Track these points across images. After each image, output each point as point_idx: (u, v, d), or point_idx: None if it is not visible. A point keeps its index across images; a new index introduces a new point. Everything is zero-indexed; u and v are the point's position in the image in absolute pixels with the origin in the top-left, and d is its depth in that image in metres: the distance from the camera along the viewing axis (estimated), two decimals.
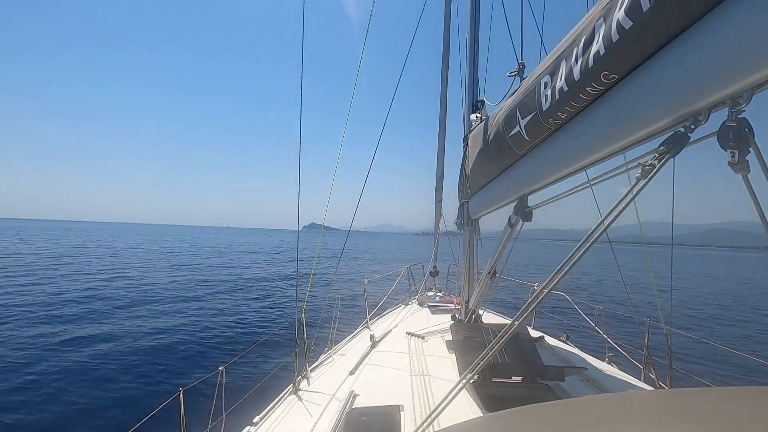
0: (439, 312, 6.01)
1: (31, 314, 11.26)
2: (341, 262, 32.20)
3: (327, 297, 7.23)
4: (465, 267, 4.62)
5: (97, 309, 12.39)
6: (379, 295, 6.89)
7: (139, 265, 26.31)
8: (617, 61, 1.55)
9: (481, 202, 3.84)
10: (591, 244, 1.55)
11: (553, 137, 2.20)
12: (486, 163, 3.27)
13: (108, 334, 9.71)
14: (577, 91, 1.78)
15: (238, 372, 7.43)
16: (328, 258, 38.30)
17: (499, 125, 2.75)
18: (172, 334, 10.00)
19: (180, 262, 30.29)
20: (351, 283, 20.48)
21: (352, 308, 12.05)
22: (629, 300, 5.35)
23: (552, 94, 1.98)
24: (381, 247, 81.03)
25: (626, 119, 1.60)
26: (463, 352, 3.35)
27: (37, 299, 13.29)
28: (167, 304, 13.73)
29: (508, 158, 2.78)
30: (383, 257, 48.35)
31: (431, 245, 7.62)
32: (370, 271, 28.00)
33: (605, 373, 3.71)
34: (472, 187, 3.95)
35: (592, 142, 1.83)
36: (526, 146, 2.46)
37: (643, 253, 3.98)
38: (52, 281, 17.30)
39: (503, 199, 3.16)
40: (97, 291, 15.45)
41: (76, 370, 7.45)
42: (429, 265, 7.65)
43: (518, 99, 2.43)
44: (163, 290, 16.61)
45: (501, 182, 3.11)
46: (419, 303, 6.69)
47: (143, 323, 10.94)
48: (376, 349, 4.16)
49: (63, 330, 9.88)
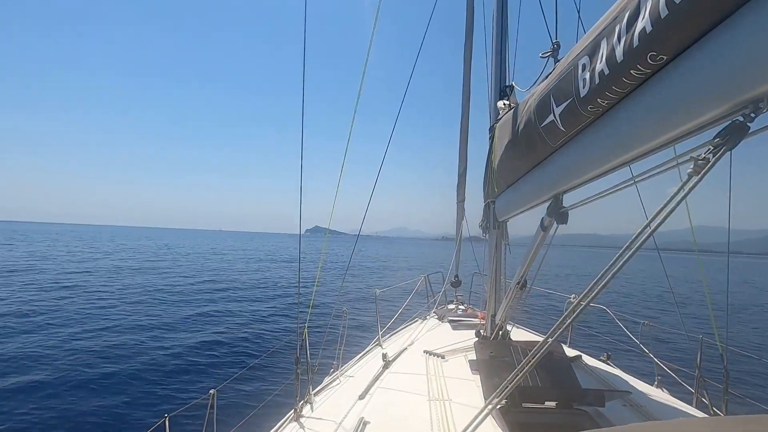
0: (462, 327, 5.99)
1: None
2: (349, 270, 32.41)
3: (333, 310, 7.24)
4: (491, 276, 4.61)
5: (58, 323, 12.41)
6: (393, 308, 6.88)
7: (115, 271, 26.70)
8: (666, 40, 1.53)
9: (509, 201, 3.82)
10: (635, 250, 1.53)
11: (592, 127, 2.18)
12: (515, 157, 3.26)
13: (79, 350, 9.77)
14: (620, 75, 1.76)
15: (231, 395, 7.47)
16: (334, 266, 38.43)
17: (531, 114, 2.73)
18: (157, 351, 10.08)
19: (163, 268, 30.59)
20: (360, 294, 20.50)
21: (361, 323, 12.05)
22: (679, 314, 5.27)
23: (591, 77, 1.96)
24: (395, 254, 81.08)
25: (676, 106, 1.58)
26: (488, 373, 3.33)
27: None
28: (146, 317, 13.79)
29: (541, 151, 2.76)
30: (397, 265, 48.38)
31: (452, 251, 7.60)
32: (382, 281, 28.03)
33: (651, 398, 3.68)
34: (500, 185, 3.93)
35: (637, 132, 1.81)
36: (561, 138, 2.44)
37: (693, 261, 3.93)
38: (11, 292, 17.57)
39: (535, 198, 3.13)
40: (63, 303, 15.54)
41: (42, 393, 7.44)
42: (449, 274, 7.62)
43: (552, 84, 2.41)
44: (142, 301, 16.73)
45: (532, 179, 3.09)
46: (438, 317, 6.68)
47: (119, 339, 11.01)
48: (390, 370, 4.16)
49: (28, 343, 10.03)
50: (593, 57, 1.94)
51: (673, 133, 1.64)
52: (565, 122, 2.32)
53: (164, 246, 64.39)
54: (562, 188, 2.68)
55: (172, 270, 29.84)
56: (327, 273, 30.46)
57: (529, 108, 2.79)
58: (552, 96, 2.39)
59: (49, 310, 13.97)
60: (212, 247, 70.50)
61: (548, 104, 2.44)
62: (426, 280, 7.91)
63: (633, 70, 1.70)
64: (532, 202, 3.25)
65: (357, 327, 11.33)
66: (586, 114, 2.10)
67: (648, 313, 18.91)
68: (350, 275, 30.03)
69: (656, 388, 4.19)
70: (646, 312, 19.08)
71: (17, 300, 15.41)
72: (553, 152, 2.67)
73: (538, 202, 3.16)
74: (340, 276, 27.94)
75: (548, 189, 2.83)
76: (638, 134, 1.80)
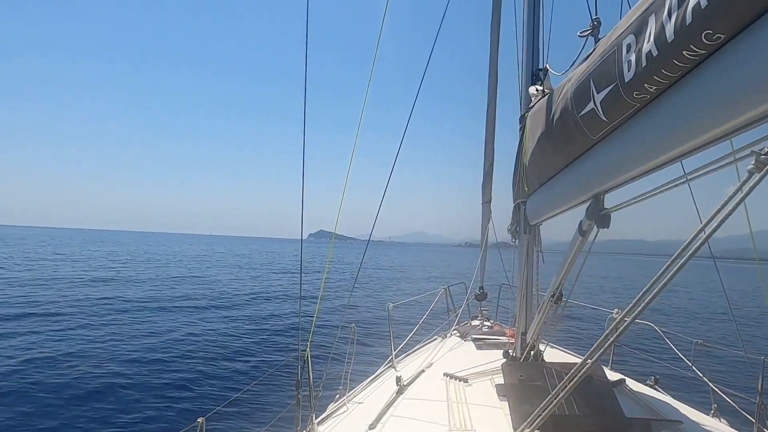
0: (487, 347, 5.98)
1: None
2: (359, 280, 32.36)
3: (340, 326, 7.23)
4: (521, 288, 4.60)
5: (30, 340, 12.44)
6: (408, 324, 6.87)
7: (90, 279, 26.99)
8: (724, 16, 1.51)
9: (542, 202, 3.81)
10: (687, 258, 1.51)
11: (638, 117, 2.16)
12: (550, 151, 3.25)
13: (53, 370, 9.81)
14: (671, 56, 1.74)
15: (222, 424, 7.49)
16: (341, 275, 38.54)
17: (567, 101, 2.73)
18: (139, 370, 10.16)
19: (137, 278, 30.68)
20: (371, 308, 20.54)
21: (372, 341, 12.05)
22: (738, 332, 5.21)
23: (637, 59, 1.95)
24: (411, 262, 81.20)
25: (736, 93, 1.55)
26: (518, 399, 3.32)
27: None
28: (127, 332, 13.85)
29: (579, 144, 2.75)
30: (414, 275, 48.42)
31: (476, 259, 7.57)
32: (396, 293, 28.06)
33: (705, 428, 3.66)
34: (531, 183, 3.92)
35: (690, 123, 1.79)
36: (602, 129, 2.43)
37: (753, 271, 3.87)
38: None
39: (572, 198, 3.12)
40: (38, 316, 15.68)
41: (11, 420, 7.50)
42: (473, 286, 7.60)
43: (592, 66, 2.40)
44: (121, 314, 16.78)
45: (569, 176, 3.08)
46: (461, 335, 6.66)
47: (97, 355, 11.11)
48: (405, 396, 4.16)
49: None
50: (639, 36, 1.93)
51: (732, 123, 1.62)
52: (607, 111, 2.31)
53: (142, 253, 64.12)
54: (604, 187, 2.67)
55: (148, 279, 29.95)
56: (333, 284, 30.55)
57: (566, 94, 2.78)
58: (592, 81, 2.38)
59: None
60: (199, 254, 71.08)
61: (588, 90, 2.43)
62: (446, 292, 7.89)
63: (686, 50, 1.68)
64: (569, 202, 3.24)
65: (367, 346, 11.33)
66: (632, 101, 2.09)
67: (702, 330, 18.73)
68: (359, 286, 30.11)
69: (711, 418, 4.16)
70: (700, 329, 18.91)
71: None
72: (593, 145, 2.65)
73: (576, 203, 3.15)
74: (348, 287, 28.03)
75: (587, 188, 2.81)
76: (692, 125, 1.78)
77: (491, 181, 7.17)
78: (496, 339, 6.35)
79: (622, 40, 2.06)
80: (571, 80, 2.76)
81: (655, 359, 7.48)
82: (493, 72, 6.63)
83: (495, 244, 7.28)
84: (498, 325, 7.32)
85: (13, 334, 12.70)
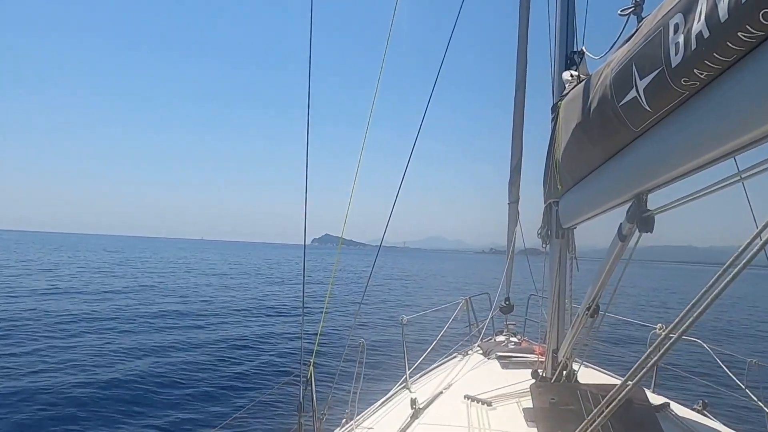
0: (514, 366, 5.96)
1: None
2: (369, 290, 32.24)
3: (347, 341, 7.19)
4: (553, 299, 4.58)
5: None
6: (425, 339, 6.88)
7: (64, 289, 27.12)
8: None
9: (577, 202, 3.81)
10: (742, 267, 1.51)
11: (686, 106, 2.15)
12: (586, 145, 3.25)
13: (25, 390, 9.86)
14: (724, 38, 1.74)
15: None
16: (349, 284, 38.57)
17: (606, 88, 2.73)
18: (121, 389, 10.24)
19: (116, 286, 30.87)
20: (382, 321, 20.56)
21: (384, 358, 12.04)
22: None
23: (686, 41, 1.94)
24: (428, 270, 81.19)
25: None
26: (549, 425, 3.31)
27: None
28: (105, 350, 13.83)
29: (620, 137, 2.75)
30: (431, 283, 48.44)
31: (501, 267, 7.56)
32: (410, 305, 28.03)
33: None
34: (565, 181, 3.92)
35: (745, 113, 1.78)
36: (646, 119, 2.43)
37: None
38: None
39: (611, 198, 3.12)
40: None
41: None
42: (498, 297, 7.58)
43: (635, 49, 2.40)
44: (93, 330, 16.65)
45: (608, 173, 3.08)
46: (484, 352, 6.65)
47: (74, 372, 11.19)
48: (420, 421, 4.16)
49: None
50: (688, 15, 1.92)
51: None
52: (651, 99, 2.30)
53: (123, 259, 64.03)
54: (647, 186, 2.66)
55: (128, 288, 30.00)
56: (339, 295, 30.64)
57: (605, 81, 2.78)
58: (634, 65, 2.38)
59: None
60: (189, 260, 71.53)
61: (629, 76, 2.42)
62: (467, 303, 7.87)
63: (741, 31, 1.67)
64: (608, 203, 3.23)
65: (378, 363, 11.31)
66: (679, 89, 2.08)
67: (757, 349, 18.54)
68: (370, 297, 30.09)
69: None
70: (755, 348, 18.74)
71: None
72: (635, 138, 2.65)
73: (615, 204, 3.14)
74: (357, 299, 28.06)
75: (628, 187, 2.81)
76: (747, 116, 1.78)
77: (519, 179, 7.16)
78: (524, 357, 6.33)
79: (669, 20, 2.06)
80: (611, 64, 2.76)
81: (703, 381, 7.41)
82: (522, 55, 6.61)
83: (523, 250, 7.26)
84: (526, 342, 7.30)
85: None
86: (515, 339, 7.41)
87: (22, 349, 13.14)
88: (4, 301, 21.35)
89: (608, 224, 3.33)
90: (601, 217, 3.61)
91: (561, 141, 3.77)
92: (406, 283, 49.19)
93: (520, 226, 7.21)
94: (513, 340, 7.29)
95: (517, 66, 6.69)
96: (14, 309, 19.33)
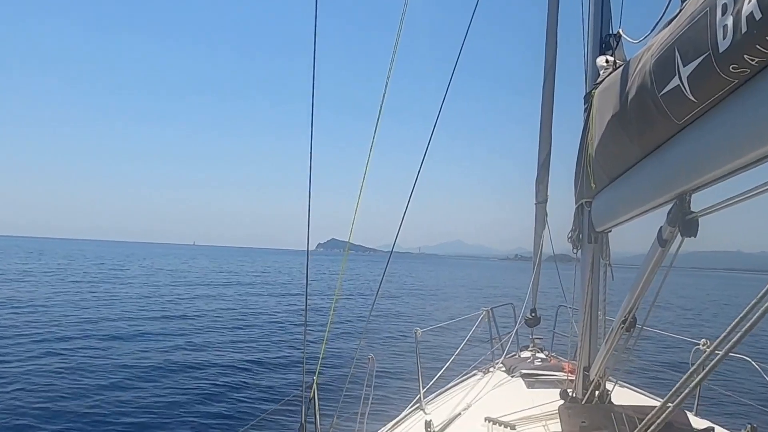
0: (541, 385, 5.98)
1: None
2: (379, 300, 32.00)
3: (355, 356, 7.18)
4: (584, 311, 4.57)
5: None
6: (441, 355, 6.89)
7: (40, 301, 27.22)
8: None
9: (613, 202, 3.81)
10: None
11: (735, 96, 2.15)
12: (623, 139, 3.25)
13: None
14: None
15: None
16: (356, 294, 38.50)
17: (646, 76, 2.72)
18: (106, 410, 10.35)
19: (112, 294, 31.26)
20: (394, 334, 20.54)
21: (395, 376, 12.06)
22: None
23: (735, 24, 1.93)
24: (445, 278, 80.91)
25: None
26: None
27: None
28: (90, 365, 13.97)
29: (661, 130, 2.75)
30: (448, 292, 48.27)
31: (527, 276, 7.55)
32: (425, 316, 27.99)
33: None
34: (599, 179, 3.93)
35: None
36: (690, 111, 2.42)
37: None
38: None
39: (650, 198, 3.11)
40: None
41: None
42: (524, 308, 7.58)
43: (677, 32, 2.39)
44: (86, 340, 17.02)
45: (647, 170, 3.08)
46: (507, 370, 6.66)
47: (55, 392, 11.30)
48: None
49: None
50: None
51: None
52: (695, 88, 2.30)
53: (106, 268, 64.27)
54: (691, 185, 2.65)
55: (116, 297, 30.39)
56: (346, 305, 30.62)
57: (644, 67, 2.78)
58: (677, 50, 2.37)
59: None
60: (177, 267, 71.59)
61: (672, 62, 2.42)
62: (489, 315, 7.86)
63: None
64: (647, 203, 3.23)
65: (389, 382, 11.33)
66: (727, 77, 2.08)
67: None
68: (380, 308, 30.05)
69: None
70: None
71: None
72: (678, 131, 2.65)
73: (655, 205, 3.13)
74: (366, 309, 28.05)
75: (670, 186, 2.81)
76: None
77: (547, 177, 7.15)
78: (552, 375, 6.33)
79: (716, 0, 2.07)
80: (651, 49, 2.76)
81: (752, 402, 7.38)
82: (551, 39, 6.60)
83: (551, 256, 7.25)
84: (554, 358, 7.30)
85: None
86: (542, 355, 7.41)
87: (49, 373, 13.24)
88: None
89: (646, 227, 3.33)
90: (639, 220, 3.61)
91: (594, 134, 3.78)
92: (421, 292, 49.06)
93: (548, 229, 7.21)
94: (540, 357, 7.29)
95: (546, 52, 6.67)
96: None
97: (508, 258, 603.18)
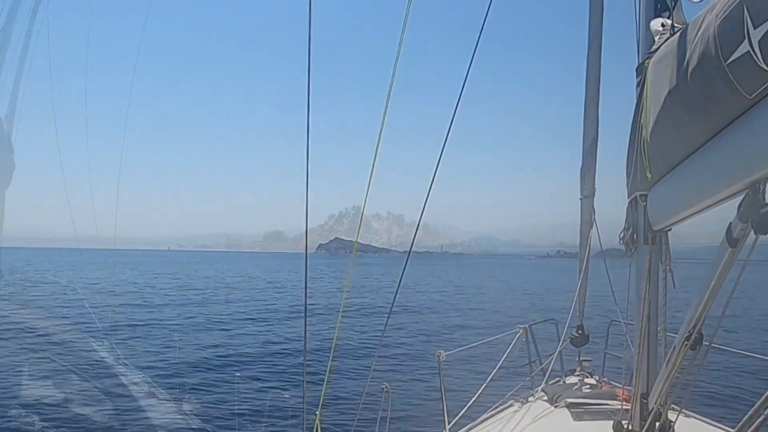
0: (590, 416, 5.99)
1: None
2: (394, 313, 31.78)
3: (366, 383, 7.18)
4: (641, 327, 4.54)
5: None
6: (471, 381, 6.88)
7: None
8: None
9: (673, 196, 3.80)
10: None
11: None
12: (683, 118, 3.25)
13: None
14: None
15: None
16: (365, 305, 38.43)
17: (709, 41, 2.73)
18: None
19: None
20: (413, 356, 20.51)
21: (415, 406, 12.06)
22: None
23: None
24: (473, 283, 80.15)
25: None
26: None
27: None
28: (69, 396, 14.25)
29: (729, 106, 2.75)
30: (476, 303, 47.83)
31: (572, 279, 7.52)
32: (450, 335, 27.92)
33: None
34: (656, 168, 3.92)
35: None
36: (763, 82, 2.42)
37: None
38: None
39: (718, 189, 3.11)
40: None
41: None
42: (569, 322, 7.55)
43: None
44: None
45: (713, 156, 3.08)
46: (550, 398, 6.66)
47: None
48: None
49: None
50: None
51: None
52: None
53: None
54: (765, 172, 2.65)
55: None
56: (353, 321, 30.53)
57: (707, 31, 2.78)
58: (746, 9, 2.38)
59: None
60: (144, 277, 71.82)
61: (740, 24, 2.43)
62: (527, 333, 7.82)
63: None
64: (713, 196, 3.21)
65: (408, 413, 11.32)
66: None
67: None
68: (396, 323, 29.98)
69: None
70: None
71: None
72: (749, 108, 2.64)
73: (723, 197, 3.13)
74: (378, 324, 27.98)
75: (741, 174, 2.80)
76: None
77: (595, 165, 7.11)
78: (604, 404, 6.32)
79: None
80: (715, 9, 2.75)
81: None
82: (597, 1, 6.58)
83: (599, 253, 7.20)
84: (606, 384, 7.28)
85: None
86: (591, 380, 7.39)
87: None
88: None
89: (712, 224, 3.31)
90: (703, 216, 3.57)
91: (649, 114, 3.77)
92: (443, 302, 48.32)
93: (596, 226, 7.18)
94: (588, 382, 7.27)
95: (591, 17, 6.63)
96: None
97: (549, 255, 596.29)
